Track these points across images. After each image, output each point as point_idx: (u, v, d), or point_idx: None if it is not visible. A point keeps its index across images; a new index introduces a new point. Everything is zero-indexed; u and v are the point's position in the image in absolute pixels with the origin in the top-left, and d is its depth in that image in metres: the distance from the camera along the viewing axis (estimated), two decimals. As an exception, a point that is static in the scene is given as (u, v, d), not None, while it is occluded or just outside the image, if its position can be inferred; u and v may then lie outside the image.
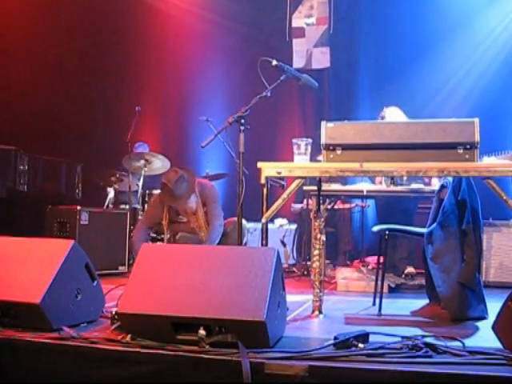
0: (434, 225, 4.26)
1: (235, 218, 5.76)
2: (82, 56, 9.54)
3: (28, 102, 9.21)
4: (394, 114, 6.03)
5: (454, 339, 3.18)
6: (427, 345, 2.92)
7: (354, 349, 2.89)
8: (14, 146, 7.90)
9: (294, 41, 9.44)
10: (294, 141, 4.17)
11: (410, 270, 6.06)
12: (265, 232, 4.09)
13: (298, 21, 9.49)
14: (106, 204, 7.73)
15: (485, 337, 3.34)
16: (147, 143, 8.43)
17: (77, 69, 9.56)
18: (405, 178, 5.49)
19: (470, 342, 3.16)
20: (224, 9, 9.34)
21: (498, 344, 2.95)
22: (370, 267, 6.46)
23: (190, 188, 5.66)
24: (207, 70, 9.64)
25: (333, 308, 4.51)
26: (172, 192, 5.60)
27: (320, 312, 4.16)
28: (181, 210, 5.87)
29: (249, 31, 9.30)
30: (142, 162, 7.45)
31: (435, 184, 5.41)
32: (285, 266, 7.31)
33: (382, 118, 6.01)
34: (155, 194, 7.28)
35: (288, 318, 3.75)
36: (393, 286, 5.62)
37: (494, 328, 3.02)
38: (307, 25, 9.46)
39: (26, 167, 8.04)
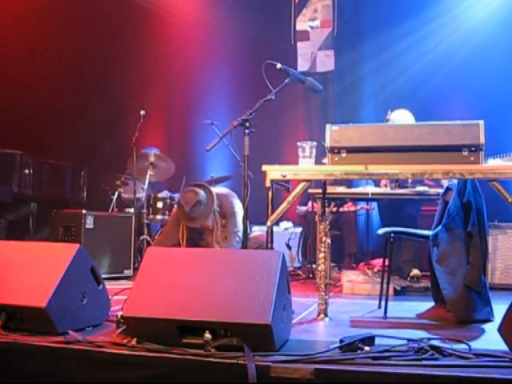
0: (440, 227, 4.25)
1: (259, 236, 5.76)
2: (87, 60, 9.56)
3: (32, 107, 9.22)
4: (401, 116, 6.02)
5: (460, 342, 3.18)
6: (433, 347, 2.91)
7: (359, 352, 2.88)
8: (19, 150, 7.92)
9: (299, 44, 9.44)
10: (299, 144, 4.17)
11: (415, 272, 6.05)
12: (270, 235, 4.09)
13: (302, 24, 9.49)
14: (111, 206, 7.74)
15: (491, 339, 3.33)
16: (158, 148, 8.42)
17: (81, 72, 9.57)
18: (409, 181, 5.49)
19: (476, 345, 3.15)
20: (228, 12, 9.35)
21: (504, 346, 2.94)
22: (375, 270, 6.44)
23: (207, 211, 5.58)
24: (212, 73, 9.64)
25: (338, 311, 4.50)
26: (188, 214, 5.54)
27: (325, 315, 4.15)
28: (198, 227, 5.83)
29: (253, 34, 9.28)
30: (147, 163, 7.44)
31: (445, 183, 5.40)
32: (290, 268, 7.30)
33: (387, 121, 5.99)
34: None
35: (294, 321, 3.74)
36: (398, 288, 5.60)
37: (499, 330, 3.01)
38: (311, 28, 9.46)
39: (32, 171, 8.06)
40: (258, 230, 6.69)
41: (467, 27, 8.25)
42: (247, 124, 4.33)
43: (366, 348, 2.91)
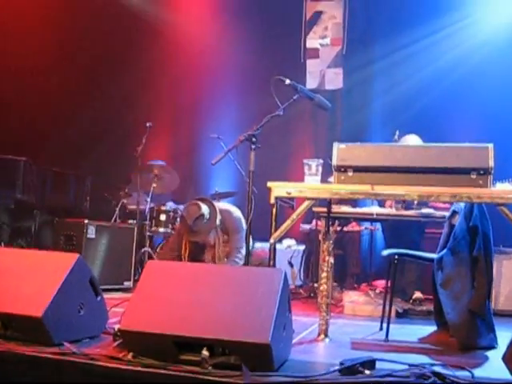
0: (445, 250, 4.21)
1: (261, 253, 5.71)
2: (94, 71, 9.58)
3: (38, 115, 9.24)
4: (410, 142, 5.99)
5: (463, 369, 3.12)
6: (435, 374, 2.86)
7: (360, 375, 2.83)
8: (24, 157, 7.90)
9: (308, 61, 9.45)
10: (305, 161, 4.12)
11: (417, 295, 5.99)
12: (272, 252, 4.04)
13: (312, 41, 9.52)
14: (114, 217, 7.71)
15: (494, 367, 3.27)
16: (163, 160, 8.39)
17: (88, 83, 9.59)
18: (415, 203, 5.44)
19: (479, 372, 3.09)
20: (238, 27, 9.35)
21: (508, 375, 2.88)
22: (377, 291, 6.38)
23: (209, 225, 5.55)
24: (219, 87, 9.65)
25: (339, 332, 4.46)
26: (190, 228, 5.51)
27: (326, 335, 4.11)
28: (200, 242, 5.80)
29: (262, 51, 9.29)
30: (151, 175, 7.42)
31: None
32: (291, 287, 7.23)
33: (395, 142, 5.95)
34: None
35: (293, 341, 3.68)
36: (400, 311, 5.55)
37: (504, 359, 2.95)
38: (321, 46, 9.48)
39: (35, 178, 8.04)
40: (260, 247, 6.64)
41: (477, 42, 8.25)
42: (254, 139, 4.31)
43: (367, 372, 2.86)
